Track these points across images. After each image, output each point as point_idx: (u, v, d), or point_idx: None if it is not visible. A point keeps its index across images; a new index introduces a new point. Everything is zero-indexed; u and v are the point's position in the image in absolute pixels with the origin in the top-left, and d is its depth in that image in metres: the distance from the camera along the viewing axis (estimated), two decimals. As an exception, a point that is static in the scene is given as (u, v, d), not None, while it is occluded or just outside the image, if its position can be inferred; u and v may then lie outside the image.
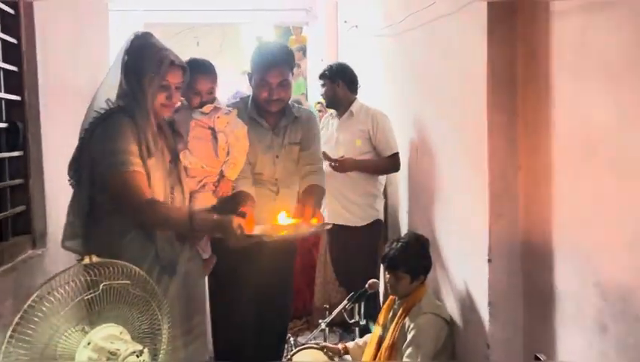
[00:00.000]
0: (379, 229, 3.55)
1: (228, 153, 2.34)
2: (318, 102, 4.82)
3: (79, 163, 1.93)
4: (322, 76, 3.57)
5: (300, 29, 8.05)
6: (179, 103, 2.20)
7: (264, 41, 6.79)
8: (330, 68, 3.57)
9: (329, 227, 2.26)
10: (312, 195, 2.50)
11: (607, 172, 1.66)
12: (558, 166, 1.91)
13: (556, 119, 1.91)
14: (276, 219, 2.20)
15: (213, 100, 2.35)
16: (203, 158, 2.28)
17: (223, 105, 2.44)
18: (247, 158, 2.44)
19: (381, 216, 3.54)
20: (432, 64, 2.84)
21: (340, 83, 3.50)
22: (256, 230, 2.06)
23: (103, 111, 1.92)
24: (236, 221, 1.92)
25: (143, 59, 1.94)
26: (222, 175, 2.35)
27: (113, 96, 1.95)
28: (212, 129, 2.32)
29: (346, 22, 5.27)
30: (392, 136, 3.43)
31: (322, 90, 3.60)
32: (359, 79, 3.58)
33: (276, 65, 2.46)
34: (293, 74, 2.56)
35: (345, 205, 3.45)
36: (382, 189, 3.59)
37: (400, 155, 3.42)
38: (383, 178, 3.60)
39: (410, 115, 3.24)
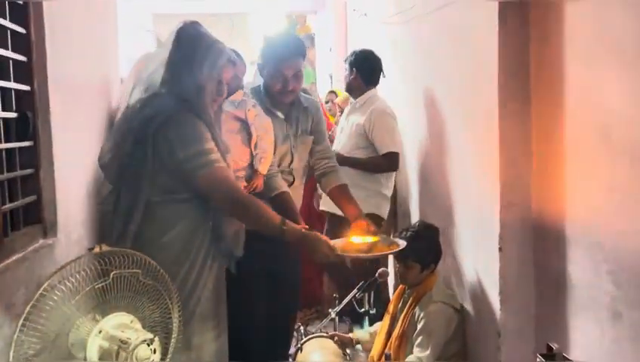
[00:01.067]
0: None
1: (256, 146, 2.35)
2: (331, 91, 4.78)
3: (134, 161, 1.88)
4: (345, 60, 3.55)
5: (303, 17, 8.00)
6: None
7: (276, 32, 6.75)
8: (354, 54, 3.53)
9: (404, 245, 2.29)
10: (355, 204, 2.59)
11: (620, 158, 1.63)
12: (571, 152, 1.88)
13: (569, 105, 1.88)
14: (351, 238, 2.32)
15: (242, 86, 2.37)
16: (235, 152, 2.27)
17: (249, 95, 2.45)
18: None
19: (378, 212, 3.43)
20: (442, 51, 2.81)
21: (355, 71, 3.45)
22: (337, 246, 2.15)
23: (160, 106, 1.86)
24: (325, 239, 2.03)
25: (198, 51, 1.89)
26: (254, 169, 2.35)
27: (156, 87, 1.91)
28: (244, 121, 2.33)
29: (355, 10, 5.23)
30: (389, 135, 3.33)
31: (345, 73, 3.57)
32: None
33: (291, 57, 2.48)
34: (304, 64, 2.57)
35: None
36: (381, 185, 3.46)
37: (400, 153, 3.37)
38: (385, 176, 3.47)
39: (421, 103, 3.21)
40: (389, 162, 3.36)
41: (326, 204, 3.50)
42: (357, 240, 2.28)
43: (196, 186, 1.89)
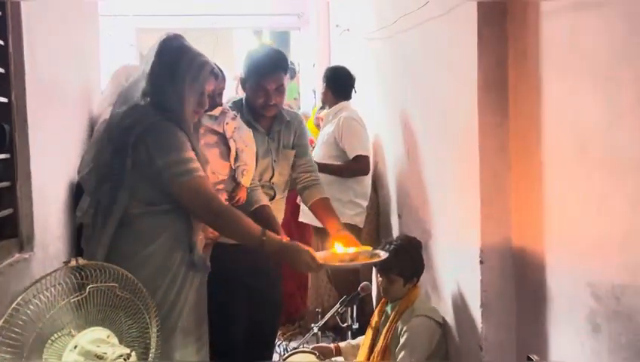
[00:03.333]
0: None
1: (237, 159, 2.33)
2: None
3: (113, 172, 1.87)
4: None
5: (281, 35, 8.18)
6: None
7: (259, 45, 6.81)
8: (327, 70, 3.79)
9: (385, 256, 2.26)
10: (336, 217, 2.55)
11: (598, 171, 1.65)
12: (549, 166, 1.91)
13: (547, 119, 1.91)
14: (334, 248, 2.26)
15: (221, 103, 2.35)
16: (214, 165, 2.26)
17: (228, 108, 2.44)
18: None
19: (353, 222, 3.46)
20: (423, 66, 2.84)
21: (324, 87, 3.67)
22: (319, 256, 2.06)
23: (140, 116, 1.85)
24: (307, 249, 1.96)
25: (181, 63, 1.89)
26: (237, 182, 2.33)
27: (137, 98, 1.90)
28: (222, 135, 2.32)
29: (337, 25, 5.27)
30: (356, 139, 3.47)
31: None
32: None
33: (274, 71, 2.47)
34: (287, 78, 2.57)
35: None
36: (355, 194, 3.52)
37: (370, 158, 3.51)
38: (357, 183, 3.54)
39: (401, 117, 3.24)
40: (359, 165, 3.47)
41: (306, 216, 3.52)
42: (340, 251, 2.26)
43: (175, 195, 1.87)
